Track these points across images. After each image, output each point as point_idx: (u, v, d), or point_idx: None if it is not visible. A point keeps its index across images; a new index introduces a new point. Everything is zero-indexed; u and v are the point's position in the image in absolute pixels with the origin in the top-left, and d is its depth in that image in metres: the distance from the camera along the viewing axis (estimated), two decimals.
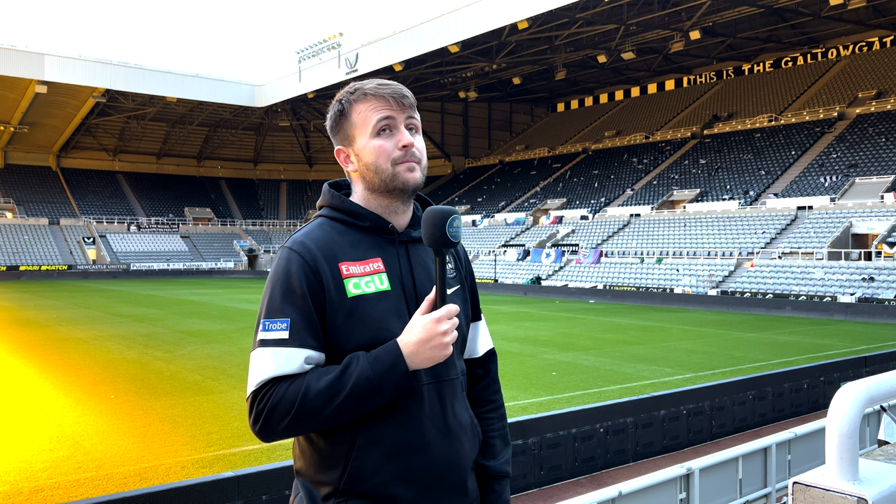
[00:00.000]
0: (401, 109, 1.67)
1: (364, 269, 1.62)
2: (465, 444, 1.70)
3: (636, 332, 21.42)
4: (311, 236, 1.64)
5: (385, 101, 1.66)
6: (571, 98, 75.53)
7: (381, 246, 1.68)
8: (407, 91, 1.70)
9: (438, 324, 1.51)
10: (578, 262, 42.35)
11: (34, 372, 13.96)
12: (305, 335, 1.55)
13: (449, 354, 1.55)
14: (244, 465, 7.65)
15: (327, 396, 1.49)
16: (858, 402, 1.42)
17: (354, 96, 1.68)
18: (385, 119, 1.66)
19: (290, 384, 1.51)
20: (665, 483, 4.94)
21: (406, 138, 1.66)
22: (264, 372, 1.53)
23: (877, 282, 27.89)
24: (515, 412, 10.20)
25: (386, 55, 49.28)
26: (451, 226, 1.53)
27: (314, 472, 1.61)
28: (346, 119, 1.69)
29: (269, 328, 1.55)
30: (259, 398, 1.52)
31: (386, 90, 1.67)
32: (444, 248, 1.54)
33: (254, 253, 66.25)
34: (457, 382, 1.72)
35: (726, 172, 46.83)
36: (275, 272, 1.61)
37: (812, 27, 51.62)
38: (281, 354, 1.53)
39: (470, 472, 1.72)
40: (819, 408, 10.92)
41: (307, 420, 1.50)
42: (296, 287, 1.56)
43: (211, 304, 30.96)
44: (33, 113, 61.09)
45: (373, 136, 1.65)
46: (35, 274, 53.59)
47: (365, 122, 1.66)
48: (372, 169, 1.66)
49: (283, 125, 73.62)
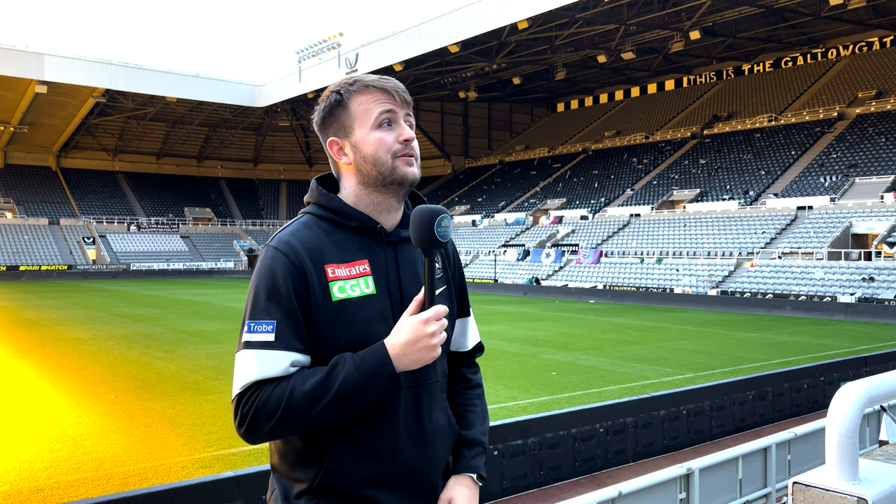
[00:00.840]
0: (401, 105, 1.66)
1: (350, 272, 1.60)
2: (440, 448, 1.68)
3: (636, 332, 21.42)
4: (298, 236, 1.61)
5: (388, 95, 1.65)
6: (571, 98, 75.53)
7: (369, 247, 1.65)
8: (405, 88, 1.70)
9: (427, 325, 1.50)
10: (578, 262, 42.35)
11: (34, 372, 13.96)
12: (291, 337, 1.52)
13: (437, 356, 1.54)
14: (244, 465, 7.65)
15: (313, 398, 1.47)
16: (858, 402, 1.42)
17: (354, 87, 1.66)
18: (387, 112, 1.64)
19: (275, 386, 1.49)
20: (665, 483, 4.94)
21: (407, 132, 1.65)
22: (249, 374, 1.50)
23: (877, 282, 27.90)
24: (515, 412, 10.20)
25: (386, 55, 49.29)
26: (439, 225, 1.50)
27: (289, 469, 1.61)
28: (344, 109, 1.66)
29: (254, 329, 1.52)
30: (244, 401, 1.50)
31: (388, 84, 1.66)
32: (433, 248, 1.52)
33: (254, 253, 66.27)
34: (436, 386, 1.70)
35: (726, 172, 46.83)
36: (259, 271, 1.58)
37: (812, 27, 51.62)
38: (266, 357, 1.50)
39: (441, 476, 1.70)
40: (819, 408, 10.92)
41: (293, 422, 1.49)
42: (281, 287, 1.53)
43: (211, 304, 30.96)
44: (33, 113, 61.10)
45: (374, 128, 1.63)
46: (35, 274, 53.59)
47: (366, 114, 1.64)
48: (370, 161, 1.63)
49: (283, 125, 73.65)
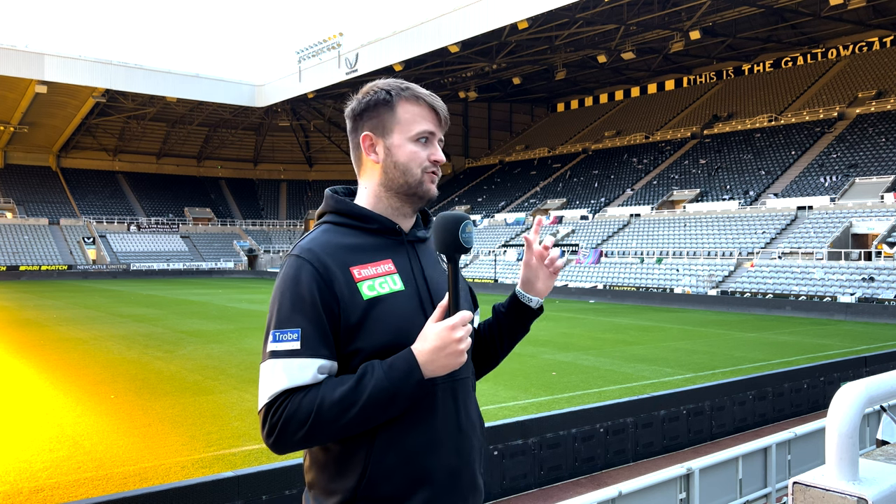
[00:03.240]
0: (441, 127, 1.71)
1: (376, 271, 1.61)
2: (475, 443, 1.70)
3: (636, 332, 21.42)
4: (318, 242, 1.61)
5: (435, 115, 1.69)
6: (571, 98, 75.53)
7: (390, 247, 1.67)
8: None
9: (453, 331, 1.50)
10: (578, 262, 42.35)
11: (34, 372, 13.96)
12: (317, 344, 1.52)
13: (464, 361, 1.54)
14: (244, 465, 7.65)
15: (343, 407, 1.47)
16: (858, 402, 1.42)
17: (406, 94, 1.68)
18: (429, 131, 1.68)
19: (304, 395, 1.48)
20: (665, 483, 4.94)
21: (440, 154, 1.70)
22: (277, 384, 1.50)
23: (877, 282, 27.89)
24: (515, 412, 10.20)
25: (386, 55, 49.28)
26: (463, 231, 1.54)
27: (328, 481, 1.58)
28: (390, 110, 1.67)
29: (279, 339, 1.52)
30: (273, 410, 1.49)
31: (438, 104, 1.70)
32: (457, 253, 1.54)
33: (254, 253, 66.25)
34: (468, 382, 1.73)
35: (726, 172, 46.83)
36: (283, 280, 1.58)
37: (812, 27, 51.62)
38: (293, 365, 1.50)
39: (479, 471, 1.72)
40: (819, 408, 10.91)
41: (323, 431, 1.48)
42: (305, 295, 1.53)
43: (211, 304, 30.95)
44: (33, 113, 61.09)
45: (412, 140, 1.66)
46: (35, 274, 53.59)
47: (410, 124, 1.66)
48: (401, 169, 1.66)
49: (283, 125, 73.61)
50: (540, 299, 1.85)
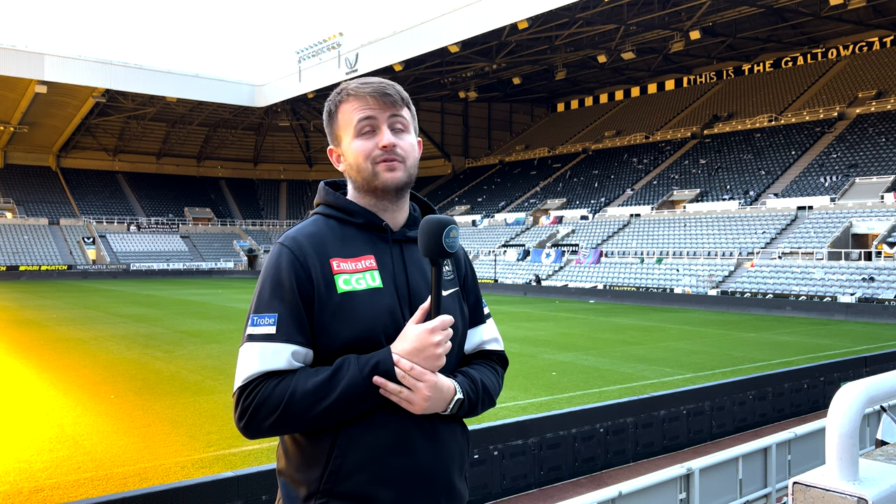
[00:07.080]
0: (382, 108, 1.66)
1: (356, 266, 1.62)
2: (455, 448, 1.67)
3: (636, 332, 21.42)
4: (303, 232, 1.64)
5: (365, 101, 1.66)
6: (571, 98, 75.54)
7: (374, 243, 1.67)
8: (392, 88, 1.67)
9: (432, 334, 1.51)
10: (578, 262, 42.35)
11: (34, 372, 13.95)
12: (292, 330, 1.54)
13: (442, 365, 1.55)
14: (244, 465, 7.65)
15: (315, 398, 1.48)
16: (858, 402, 1.42)
17: (340, 97, 1.70)
18: (365, 119, 1.65)
19: (278, 382, 1.50)
20: (665, 483, 4.94)
21: (386, 138, 1.64)
22: (251, 367, 1.52)
23: (877, 282, 27.89)
24: (515, 412, 10.20)
25: (386, 55, 49.29)
26: (447, 236, 1.53)
27: (294, 471, 1.60)
28: (333, 120, 1.71)
29: (257, 323, 1.55)
30: (246, 394, 1.51)
31: (366, 89, 1.66)
32: (440, 257, 1.54)
33: (254, 253, 66.25)
34: None
35: (726, 172, 46.83)
36: (266, 267, 1.61)
37: (812, 27, 51.63)
38: (268, 350, 1.52)
39: (458, 476, 1.69)
40: (819, 408, 10.92)
41: (293, 420, 1.49)
42: (284, 282, 1.56)
43: (211, 304, 30.95)
44: (33, 113, 61.10)
45: (355, 137, 1.66)
46: (35, 274, 53.58)
47: (348, 123, 1.67)
48: (355, 168, 1.67)
49: (283, 125, 73.63)
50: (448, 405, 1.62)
